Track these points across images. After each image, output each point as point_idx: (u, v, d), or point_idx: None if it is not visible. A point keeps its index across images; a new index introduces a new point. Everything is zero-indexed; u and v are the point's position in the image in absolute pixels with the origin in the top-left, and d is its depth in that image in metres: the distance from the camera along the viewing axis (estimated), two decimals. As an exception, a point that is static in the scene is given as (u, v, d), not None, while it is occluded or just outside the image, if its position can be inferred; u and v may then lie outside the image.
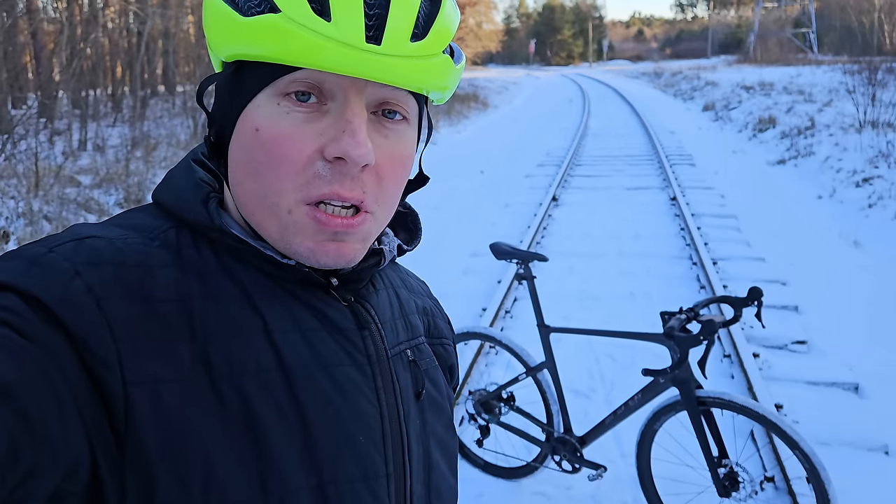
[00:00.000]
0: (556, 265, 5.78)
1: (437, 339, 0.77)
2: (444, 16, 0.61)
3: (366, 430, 0.61)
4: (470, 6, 42.85)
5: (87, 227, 0.57)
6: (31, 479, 0.43)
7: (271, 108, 0.57)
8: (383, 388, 0.64)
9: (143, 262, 0.55)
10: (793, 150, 11.18)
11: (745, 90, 20.22)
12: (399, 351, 0.68)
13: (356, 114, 0.57)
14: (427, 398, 0.69)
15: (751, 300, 2.24)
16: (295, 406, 0.57)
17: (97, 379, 0.49)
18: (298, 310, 0.60)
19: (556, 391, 2.71)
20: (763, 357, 4.03)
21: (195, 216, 0.60)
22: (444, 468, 0.70)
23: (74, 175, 8.74)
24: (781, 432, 2.18)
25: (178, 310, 0.54)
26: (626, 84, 34.13)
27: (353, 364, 0.62)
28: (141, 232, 0.59)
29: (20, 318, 0.48)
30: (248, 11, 0.56)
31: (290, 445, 0.56)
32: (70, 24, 12.77)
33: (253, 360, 0.56)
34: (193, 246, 0.59)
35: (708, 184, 9.26)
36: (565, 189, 9.34)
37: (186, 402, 0.52)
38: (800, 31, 49.61)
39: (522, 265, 2.71)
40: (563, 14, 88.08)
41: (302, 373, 0.58)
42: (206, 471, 0.51)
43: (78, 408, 0.47)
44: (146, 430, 0.50)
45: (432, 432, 0.69)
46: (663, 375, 2.29)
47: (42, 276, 0.51)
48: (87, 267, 0.52)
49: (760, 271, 5.60)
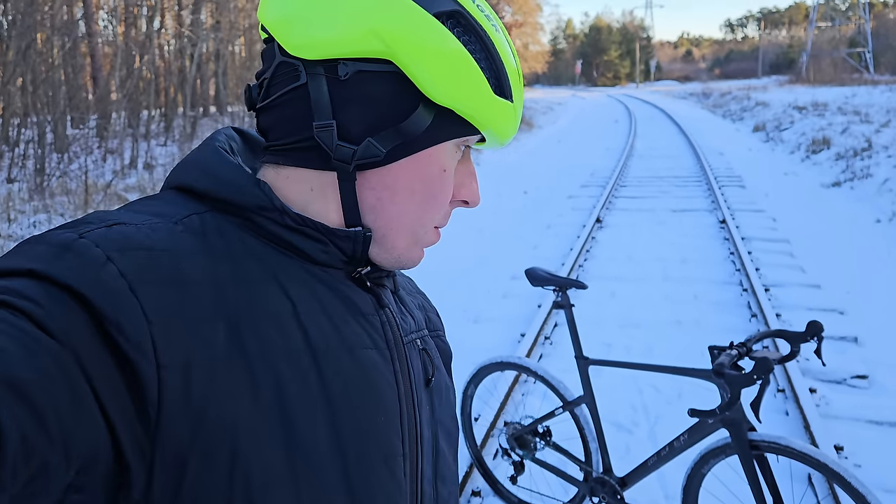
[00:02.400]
0: (598, 290, 5.59)
1: (434, 332, 0.80)
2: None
3: (386, 412, 0.63)
4: (516, 27, 42.95)
5: (110, 214, 0.57)
6: (43, 474, 0.43)
7: (453, 154, 0.67)
8: (400, 372, 0.66)
9: (172, 248, 0.55)
10: (848, 171, 10.74)
11: (797, 110, 19.67)
12: (411, 339, 0.71)
13: (474, 166, 0.71)
14: (436, 386, 0.74)
15: (810, 335, 2.05)
16: (322, 387, 0.58)
17: (131, 364, 0.49)
18: (324, 293, 0.63)
19: (595, 427, 2.54)
20: (820, 392, 3.78)
21: (247, 199, 0.61)
22: (448, 455, 0.74)
23: (122, 193, 8.90)
24: (845, 482, 1.97)
25: (210, 293, 0.55)
26: (673, 104, 33.62)
27: (374, 347, 0.65)
28: (165, 218, 0.58)
29: (42, 309, 0.47)
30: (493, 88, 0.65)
31: (319, 426, 0.57)
32: (126, 46, 13.15)
33: (283, 342, 0.57)
34: (218, 231, 0.60)
35: (759, 206, 8.94)
36: (609, 210, 9.12)
37: (219, 385, 0.52)
38: (855, 50, 48.27)
39: (560, 292, 2.56)
40: (609, 35, 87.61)
41: (328, 354, 0.60)
42: (236, 452, 0.52)
43: (99, 400, 0.47)
44: (178, 412, 0.50)
45: (439, 419, 0.73)
46: (712, 416, 2.11)
47: (74, 263, 0.50)
48: (118, 253, 0.52)
49: (816, 299, 5.31)
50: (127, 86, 12.54)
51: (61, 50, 11.71)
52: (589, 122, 25.62)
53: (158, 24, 14.69)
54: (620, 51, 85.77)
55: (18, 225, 6.90)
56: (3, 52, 9.79)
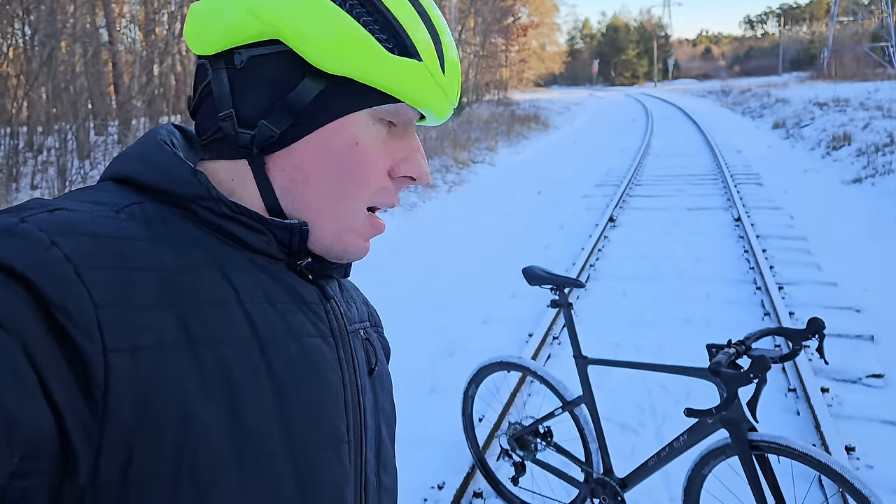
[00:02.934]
0: (609, 289, 5.54)
1: (374, 327, 0.81)
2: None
3: (331, 399, 0.64)
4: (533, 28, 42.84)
5: (50, 201, 0.57)
6: None
7: (371, 128, 0.65)
8: (345, 361, 0.67)
9: (116, 234, 0.55)
10: (870, 168, 10.55)
11: (818, 107, 19.38)
12: (356, 329, 0.72)
13: (419, 142, 0.69)
14: (378, 375, 0.74)
15: (811, 333, 2.00)
16: (269, 374, 0.58)
17: (77, 348, 0.49)
18: (268, 282, 0.63)
19: (595, 428, 2.51)
20: (833, 392, 3.70)
21: (185, 188, 0.61)
22: (388, 443, 0.75)
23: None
24: (848, 485, 1.92)
25: (155, 279, 0.55)
26: (691, 103, 33.31)
27: (319, 335, 0.65)
28: (106, 206, 0.58)
29: None
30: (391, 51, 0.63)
31: (265, 411, 0.57)
32: (146, 53, 13.31)
33: (229, 329, 0.57)
34: (161, 219, 0.60)
35: (776, 204, 8.81)
36: (623, 209, 9.04)
37: (166, 369, 0.52)
38: (878, 45, 47.43)
39: (557, 291, 2.53)
40: (627, 34, 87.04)
41: (275, 342, 0.60)
42: (182, 436, 0.52)
43: (44, 385, 0.47)
44: (125, 396, 0.50)
45: (381, 407, 0.74)
46: (709, 416, 2.07)
47: (17, 246, 0.50)
48: (62, 237, 0.52)
49: (831, 297, 5.22)
50: (147, 92, 12.67)
51: (83, 57, 11.87)
52: (606, 121, 25.46)
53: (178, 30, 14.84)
54: (638, 50, 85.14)
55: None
56: (27, 61, 9.96)
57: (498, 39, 32.80)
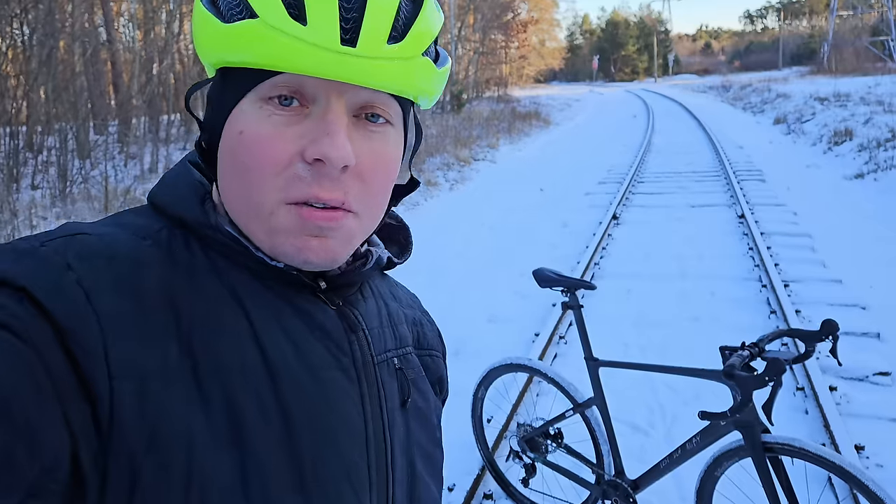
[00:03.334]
0: (614, 288, 5.54)
1: (426, 350, 0.77)
2: (425, 17, 0.60)
3: (349, 435, 0.61)
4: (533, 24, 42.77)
5: (78, 225, 0.58)
6: (7, 471, 0.43)
7: (254, 112, 0.58)
8: (368, 395, 0.64)
9: (134, 259, 0.55)
10: (872, 163, 10.53)
11: (818, 102, 19.36)
12: (386, 358, 0.68)
13: (337, 116, 0.57)
14: (413, 407, 0.70)
15: (825, 334, 2.00)
16: (279, 407, 0.57)
17: (83, 372, 0.49)
18: (286, 311, 0.61)
19: (607, 429, 2.51)
20: (841, 390, 3.70)
21: (191, 214, 0.61)
22: (427, 480, 0.70)
23: (141, 197, 8.99)
24: (864, 487, 1.92)
25: (167, 306, 0.54)
26: (692, 98, 33.27)
27: (339, 368, 0.62)
28: (133, 231, 0.59)
29: (4, 310, 0.47)
30: (230, 19, 0.57)
31: (273, 444, 0.55)
32: (146, 52, 13.29)
33: (238, 360, 0.56)
34: (185, 246, 0.59)
35: (779, 200, 8.80)
36: (626, 207, 9.04)
37: (171, 398, 0.52)
38: (878, 39, 47.37)
39: (568, 293, 2.52)
40: (627, 29, 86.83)
41: (287, 374, 0.58)
42: (188, 466, 0.51)
43: (60, 402, 0.47)
44: (131, 424, 0.50)
45: (417, 442, 0.69)
46: (723, 419, 2.07)
47: (32, 268, 0.51)
48: (77, 261, 0.52)
49: (837, 295, 5.21)
50: (147, 91, 12.67)
51: (82, 57, 11.86)
52: (606, 118, 25.43)
53: (177, 28, 14.82)
54: (638, 45, 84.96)
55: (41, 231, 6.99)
56: (26, 61, 9.94)
57: (497, 36, 32.78)
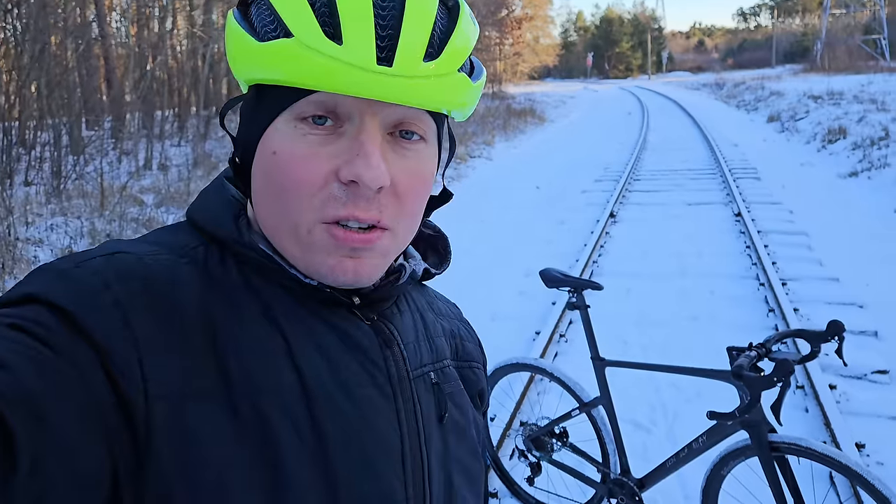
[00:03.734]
0: (613, 286, 5.54)
1: (465, 362, 0.76)
2: (461, 32, 0.59)
3: (385, 453, 0.60)
4: (527, 21, 42.77)
5: (118, 244, 0.58)
6: (52, 490, 0.44)
7: (288, 132, 0.57)
8: (404, 410, 0.63)
9: (171, 279, 0.56)
10: (866, 161, 10.60)
11: (812, 100, 19.44)
12: (422, 373, 0.67)
13: (370, 136, 0.57)
14: (450, 422, 0.69)
15: (831, 335, 2.02)
16: (313, 427, 0.56)
17: (121, 392, 0.49)
18: (321, 329, 0.60)
19: (613, 429, 2.53)
20: (840, 389, 3.73)
21: (225, 232, 0.61)
22: (466, 495, 0.69)
23: (138, 194, 8.96)
24: (869, 486, 1.94)
25: (203, 326, 0.55)
26: (686, 96, 33.35)
27: (374, 385, 0.61)
28: (171, 249, 0.59)
29: (47, 330, 0.48)
30: (264, 36, 0.57)
31: (307, 466, 0.55)
32: (139, 48, 13.23)
33: (273, 380, 0.56)
34: (221, 264, 0.60)
35: (775, 198, 8.85)
36: (623, 205, 9.07)
37: (206, 420, 0.52)
38: (870, 37, 47.61)
39: (575, 294, 2.54)
40: (621, 26, 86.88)
41: (322, 393, 0.58)
42: (221, 488, 0.51)
43: (101, 421, 0.47)
44: (166, 445, 0.50)
45: (455, 457, 0.68)
46: (731, 419, 2.08)
47: (71, 289, 0.51)
48: (115, 281, 0.53)
49: (835, 293, 5.25)
50: (140, 87, 12.61)
51: (75, 52, 11.79)
52: (601, 115, 25.46)
53: (170, 24, 14.75)
54: (632, 42, 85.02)
55: (36, 228, 6.95)
56: (18, 56, 9.88)
57: (492, 32, 32.78)
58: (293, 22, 0.55)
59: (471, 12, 0.63)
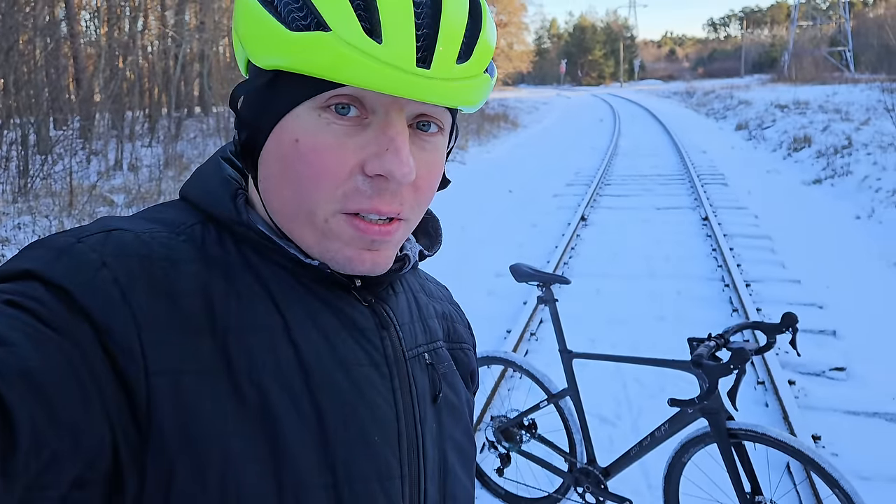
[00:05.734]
0: (583, 287, 5.66)
1: (457, 343, 0.77)
2: (486, 35, 0.60)
3: (381, 431, 0.61)
4: (501, 27, 43.02)
5: (114, 220, 0.58)
6: (53, 465, 0.44)
7: (312, 120, 0.57)
8: (400, 390, 0.64)
9: (169, 256, 0.56)
10: (829, 169, 10.91)
11: (779, 109, 19.90)
12: (417, 353, 0.68)
13: (399, 131, 0.57)
14: (444, 402, 0.69)
15: (785, 326, 2.12)
16: (312, 404, 0.57)
17: (120, 369, 0.49)
18: (319, 308, 0.61)
19: (580, 419, 2.60)
20: (799, 384, 3.86)
21: (222, 211, 0.61)
22: (459, 473, 0.70)
23: (107, 194, 8.88)
24: (819, 468, 2.04)
25: (201, 304, 0.55)
26: (657, 103, 33.86)
27: (371, 364, 0.62)
28: (167, 226, 0.59)
29: (45, 308, 0.48)
30: (293, 24, 0.55)
31: (306, 443, 0.56)
32: (110, 48, 13.08)
33: (272, 358, 0.56)
34: (218, 242, 0.60)
35: (741, 203, 9.06)
36: (594, 209, 9.21)
37: (206, 395, 0.52)
38: (836, 49, 48.84)
39: (544, 288, 2.62)
40: (594, 34, 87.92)
41: (320, 371, 0.58)
42: (222, 463, 0.52)
43: (101, 397, 0.48)
44: (166, 420, 0.50)
45: (449, 436, 0.69)
46: (691, 406, 2.17)
47: (69, 266, 0.51)
48: (113, 258, 0.53)
49: (796, 294, 5.41)
50: (111, 87, 12.47)
51: (44, 51, 11.63)
52: (574, 121, 25.75)
53: (142, 24, 14.61)
54: (605, 50, 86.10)
55: (3, 227, 6.87)
56: (-15, 54, 9.72)
57: (467, 38, 32.86)
58: (331, 15, 0.54)
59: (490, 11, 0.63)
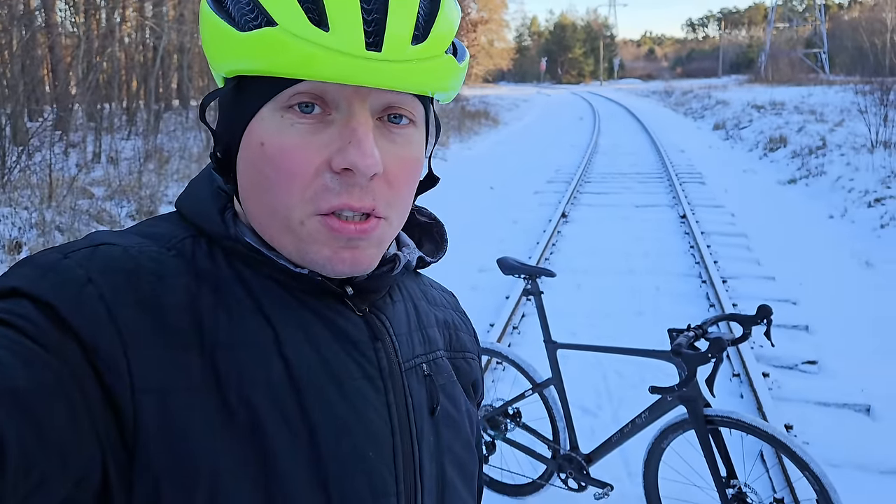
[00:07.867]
0: (564, 282, 5.75)
1: (459, 352, 0.75)
2: (445, 15, 0.59)
3: (376, 446, 0.59)
4: (482, 24, 43.13)
5: (104, 235, 0.57)
6: (42, 488, 0.43)
7: (275, 122, 0.56)
8: (395, 404, 0.62)
9: (157, 271, 0.55)
10: (804, 169, 11.14)
11: (755, 109, 20.21)
12: (414, 365, 0.66)
13: (361, 123, 0.56)
14: (442, 414, 0.67)
15: (760, 318, 2.22)
16: (304, 420, 0.56)
17: (107, 387, 0.49)
18: (311, 320, 0.60)
19: (563, 408, 2.69)
20: (773, 377, 3.99)
21: (211, 225, 0.60)
22: (459, 487, 0.68)
23: (87, 187, 8.81)
24: (791, 452, 2.15)
25: (189, 319, 0.54)
26: (636, 102, 34.18)
27: (365, 377, 0.60)
28: (158, 240, 0.58)
29: (33, 325, 0.48)
30: (244, 26, 0.55)
31: (298, 461, 0.55)
32: (87, 39, 12.94)
33: (262, 373, 0.55)
34: (209, 255, 0.59)
35: (718, 202, 9.24)
36: (574, 206, 9.33)
37: (194, 413, 0.51)
38: (811, 51, 49.65)
39: (530, 280, 2.70)
40: (574, 32, 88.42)
41: (312, 386, 0.57)
42: (211, 481, 0.51)
43: (90, 415, 0.47)
44: (153, 440, 0.49)
45: (448, 449, 0.67)
46: (671, 393, 2.27)
47: (55, 282, 0.51)
48: (100, 274, 0.52)
49: (770, 290, 5.56)
50: (88, 79, 12.35)
51: (19, 42, 11.48)
52: (554, 119, 25.92)
53: (120, 15, 14.46)
54: (585, 49, 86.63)
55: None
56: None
57: (448, 35, 32.88)
58: (276, 9, 0.53)
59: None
